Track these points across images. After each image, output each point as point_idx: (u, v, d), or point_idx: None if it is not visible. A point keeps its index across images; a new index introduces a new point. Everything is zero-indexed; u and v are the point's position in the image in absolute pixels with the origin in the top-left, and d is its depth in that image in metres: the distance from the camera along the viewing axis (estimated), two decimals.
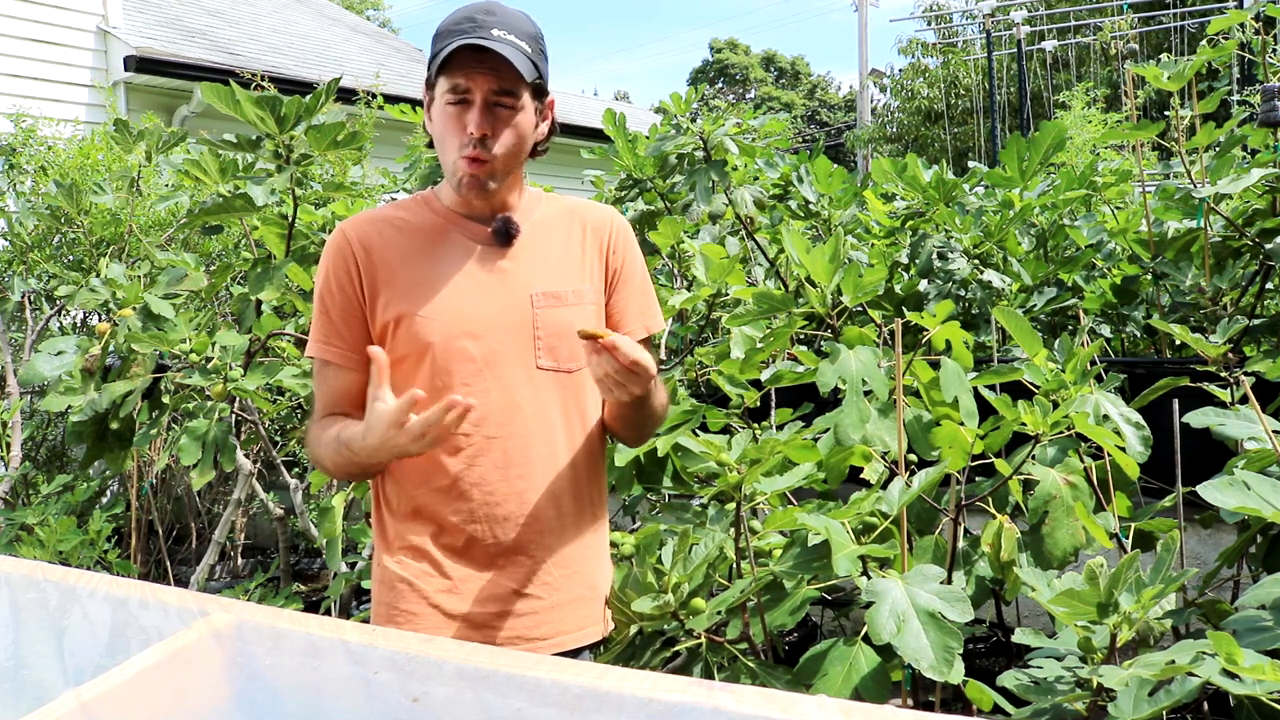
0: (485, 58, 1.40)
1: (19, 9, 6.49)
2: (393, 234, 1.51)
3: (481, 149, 1.44)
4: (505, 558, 1.49)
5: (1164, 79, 2.79)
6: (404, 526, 1.52)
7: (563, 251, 1.56)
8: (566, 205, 1.62)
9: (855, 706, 0.73)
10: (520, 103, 1.45)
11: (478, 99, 1.42)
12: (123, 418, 2.53)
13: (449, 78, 1.42)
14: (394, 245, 1.51)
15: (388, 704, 0.89)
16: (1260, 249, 2.68)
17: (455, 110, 1.44)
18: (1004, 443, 1.88)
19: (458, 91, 1.43)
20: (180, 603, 1.05)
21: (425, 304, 1.47)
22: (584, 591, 1.56)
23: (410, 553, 1.51)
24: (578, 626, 1.55)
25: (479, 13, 1.44)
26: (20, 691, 1.09)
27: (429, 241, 1.51)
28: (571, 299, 1.53)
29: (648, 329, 1.62)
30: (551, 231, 1.57)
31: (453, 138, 1.45)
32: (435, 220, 1.53)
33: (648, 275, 1.66)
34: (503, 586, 1.49)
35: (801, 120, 34.13)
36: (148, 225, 3.85)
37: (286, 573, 3.66)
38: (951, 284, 2.88)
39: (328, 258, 1.52)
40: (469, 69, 1.41)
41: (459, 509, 1.48)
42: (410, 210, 1.55)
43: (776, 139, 3.53)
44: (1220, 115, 4.00)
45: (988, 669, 2.41)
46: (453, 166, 1.47)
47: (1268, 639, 1.36)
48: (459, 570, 1.49)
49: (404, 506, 1.52)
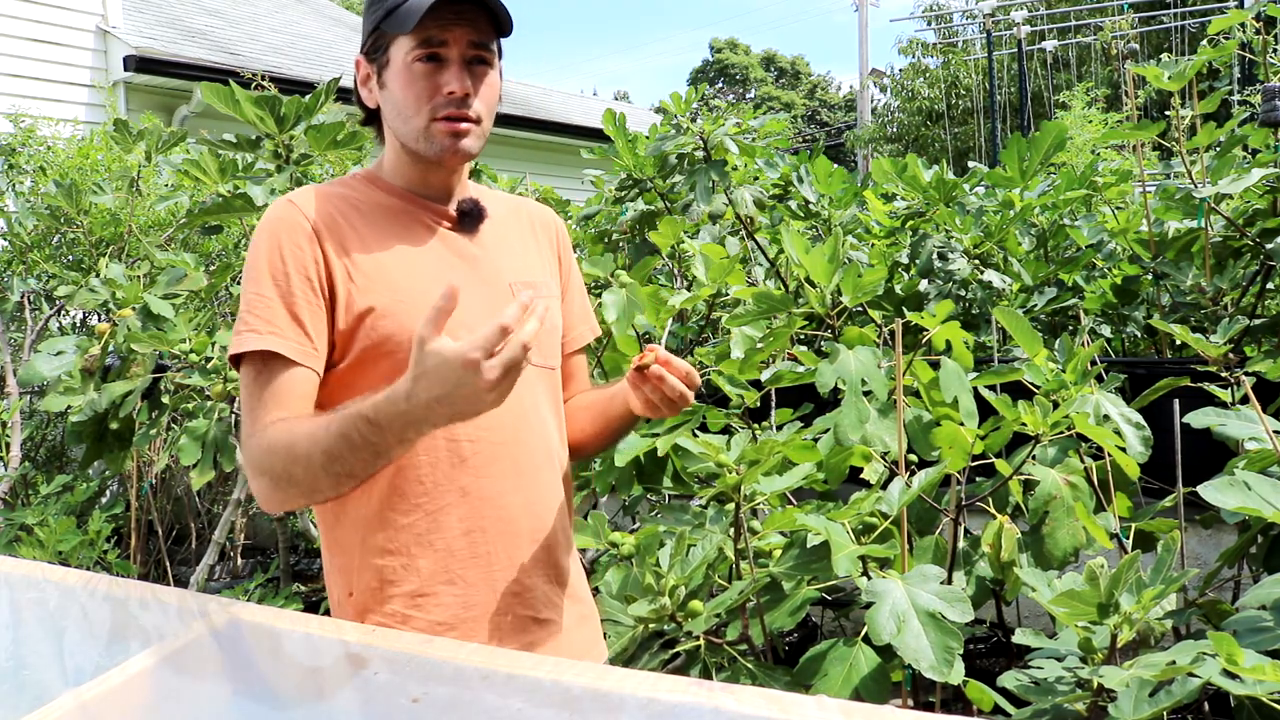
0: (462, 9, 1.24)
1: (19, 9, 6.48)
2: (352, 213, 1.30)
3: (464, 108, 1.27)
4: (518, 583, 1.30)
5: (1164, 79, 2.79)
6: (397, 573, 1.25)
7: (521, 242, 1.43)
8: (508, 200, 1.50)
9: (855, 707, 0.73)
10: (494, 59, 1.31)
11: (454, 54, 1.26)
12: (122, 418, 2.53)
13: (419, 32, 1.24)
14: (357, 226, 1.29)
15: (388, 704, 0.89)
16: (1261, 249, 2.68)
17: (426, 69, 1.26)
18: (1004, 443, 1.87)
19: (430, 45, 1.25)
20: (180, 603, 1.05)
21: (406, 294, 1.26)
22: (586, 610, 1.44)
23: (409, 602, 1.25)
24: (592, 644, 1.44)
25: None
26: (20, 691, 1.09)
27: (393, 224, 1.32)
28: (544, 290, 1.39)
29: (593, 331, 1.54)
30: (505, 221, 1.43)
31: (424, 100, 1.27)
32: (389, 200, 1.34)
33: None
34: (520, 615, 1.30)
35: (801, 120, 34.13)
36: (147, 225, 3.85)
37: (286, 573, 3.66)
38: (952, 284, 2.88)
39: (279, 234, 1.25)
40: (444, 21, 1.24)
41: (468, 534, 1.26)
42: (356, 190, 1.35)
43: (776, 139, 3.53)
44: (1221, 115, 4.00)
45: (988, 669, 2.41)
46: (424, 132, 1.28)
47: (1268, 639, 1.36)
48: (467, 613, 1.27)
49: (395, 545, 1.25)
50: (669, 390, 1.24)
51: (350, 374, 1.25)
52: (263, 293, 1.23)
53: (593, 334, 1.54)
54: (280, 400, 1.20)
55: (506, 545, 1.29)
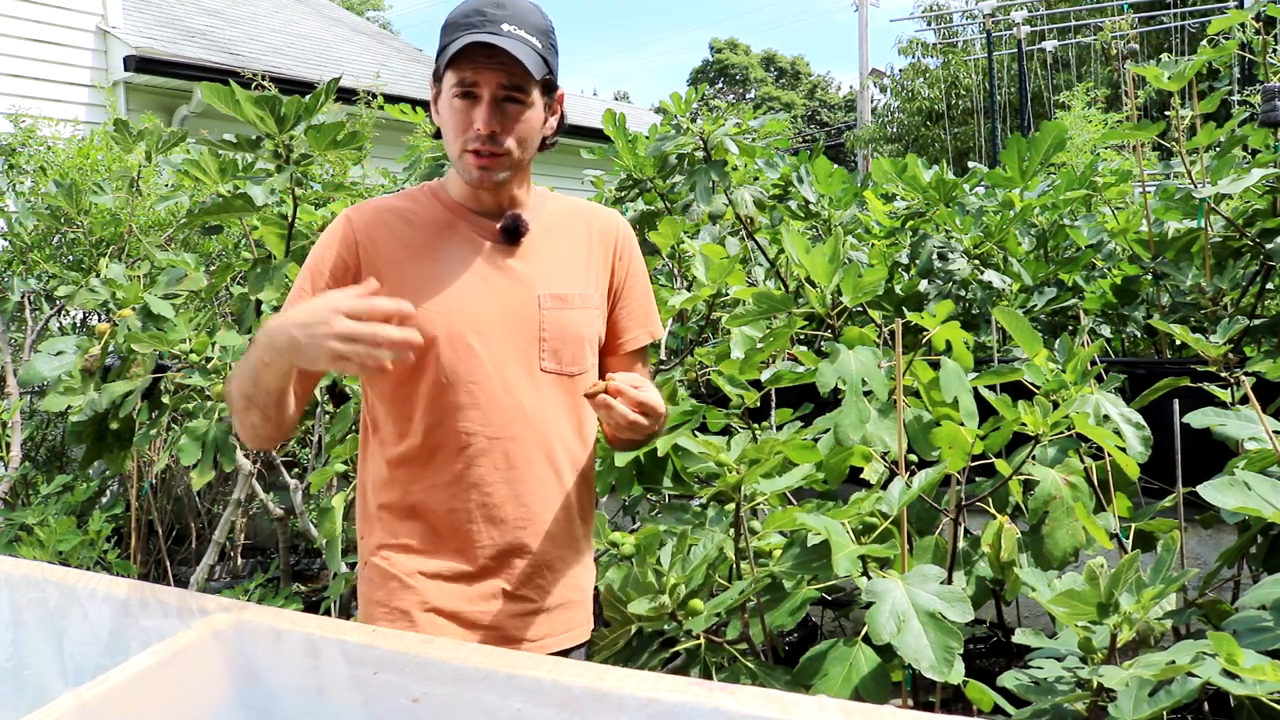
0: (494, 54, 1.38)
1: (19, 9, 6.48)
2: (400, 225, 1.50)
3: (489, 144, 1.43)
4: (499, 559, 1.49)
5: (1164, 79, 2.79)
6: (396, 524, 1.50)
7: (570, 253, 1.56)
8: (574, 206, 1.62)
9: (855, 707, 0.73)
10: (530, 99, 1.44)
11: (485, 94, 1.41)
12: (122, 418, 2.53)
13: (456, 71, 1.41)
14: (400, 237, 1.49)
15: (388, 704, 0.89)
16: (1260, 249, 2.68)
17: (463, 105, 1.42)
18: (1004, 443, 1.87)
19: (464, 85, 1.41)
20: (180, 603, 1.05)
21: (430, 298, 1.45)
22: (572, 595, 1.56)
23: (401, 550, 1.49)
24: (564, 629, 1.56)
25: (488, 5, 1.42)
26: (20, 691, 1.09)
27: (436, 235, 1.50)
28: (577, 302, 1.53)
29: (651, 335, 1.64)
30: (559, 232, 1.56)
31: (458, 133, 1.44)
32: (443, 213, 1.52)
33: (649, 281, 1.67)
34: (494, 587, 1.49)
35: (801, 120, 34.12)
36: (148, 225, 3.85)
37: (286, 573, 3.66)
38: (952, 284, 2.88)
39: (328, 242, 1.49)
40: (477, 64, 1.40)
41: (456, 508, 1.47)
42: (418, 201, 1.53)
43: (776, 139, 3.53)
44: (1221, 115, 3.99)
45: (988, 669, 2.41)
46: (459, 160, 1.46)
47: (1268, 639, 1.36)
48: (451, 569, 1.48)
49: (397, 504, 1.50)
50: (617, 417, 1.36)
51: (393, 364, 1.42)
52: (303, 287, 1.47)
53: (650, 337, 1.65)
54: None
55: (489, 528, 1.48)
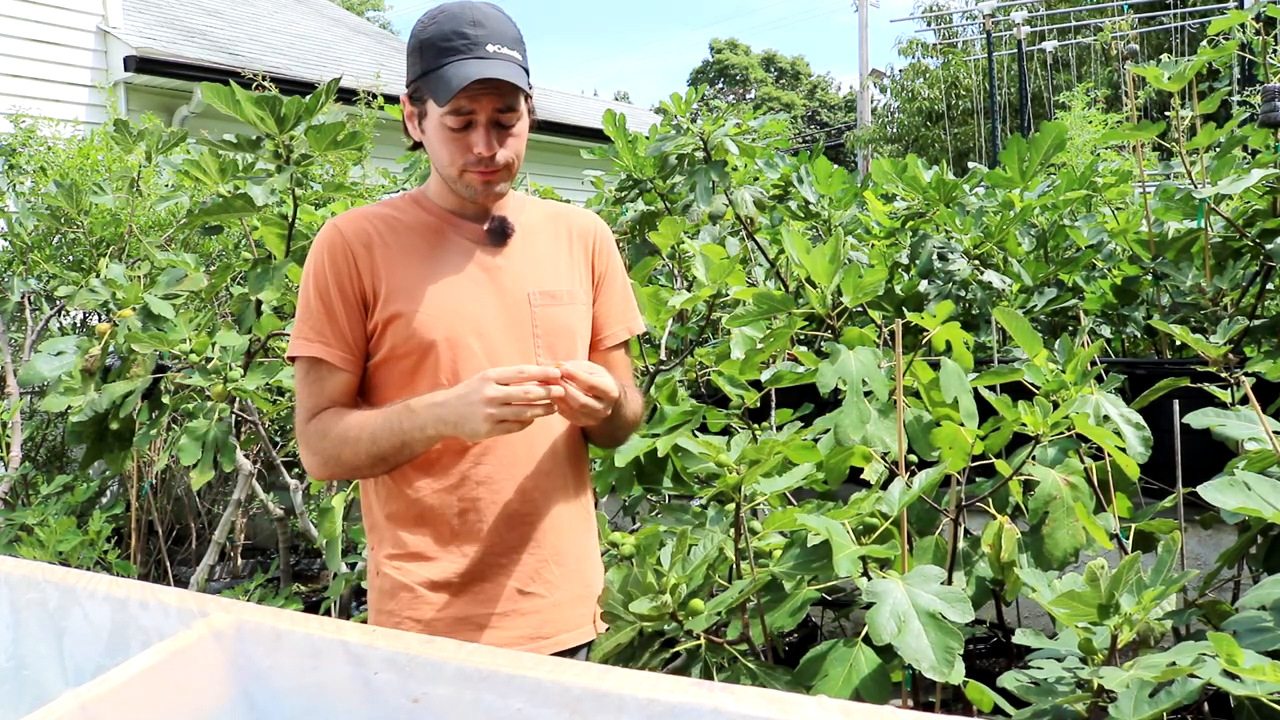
0: (488, 81, 1.40)
1: (19, 9, 6.48)
2: (389, 232, 1.51)
3: (490, 163, 1.46)
4: (508, 556, 1.50)
5: (1164, 79, 2.78)
6: (405, 533, 1.50)
7: (553, 253, 1.59)
8: (551, 210, 1.65)
9: (855, 707, 0.73)
10: (520, 112, 1.47)
11: (482, 119, 1.43)
12: (123, 418, 2.52)
13: (451, 101, 1.41)
14: (392, 243, 1.50)
15: (388, 704, 0.89)
16: (1261, 249, 2.68)
17: (459, 131, 1.44)
18: (1004, 443, 1.87)
19: (461, 113, 1.42)
20: (180, 603, 1.05)
21: (427, 302, 1.47)
22: (580, 590, 1.58)
23: (411, 559, 1.49)
24: (576, 625, 1.57)
25: (466, 25, 1.41)
26: (20, 691, 1.09)
27: (425, 240, 1.51)
28: (566, 299, 1.56)
29: (629, 330, 1.68)
30: (540, 233, 1.60)
31: (456, 157, 1.46)
32: (428, 219, 1.54)
33: (628, 278, 1.70)
34: (505, 586, 1.50)
35: (801, 121, 34.12)
36: (148, 225, 3.85)
37: (286, 573, 3.66)
38: (952, 284, 2.88)
39: (323, 255, 1.49)
40: (473, 94, 1.40)
41: (464, 508, 1.48)
42: (401, 209, 1.55)
43: (776, 139, 3.53)
44: (1221, 116, 4.00)
45: (988, 670, 2.41)
46: (458, 180, 1.48)
47: (1268, 640, 1.36)
48: (463, 573, 1.49)
49: (404, 512, 1.50)
50: (571, 401, 1.37)
51: (381, 369, 1.50)
52: (311, 305, 1.49)
53: (629, 332, 1.67)
54: (327, 395, 1.49)
55: (498, 524, 1.49)
